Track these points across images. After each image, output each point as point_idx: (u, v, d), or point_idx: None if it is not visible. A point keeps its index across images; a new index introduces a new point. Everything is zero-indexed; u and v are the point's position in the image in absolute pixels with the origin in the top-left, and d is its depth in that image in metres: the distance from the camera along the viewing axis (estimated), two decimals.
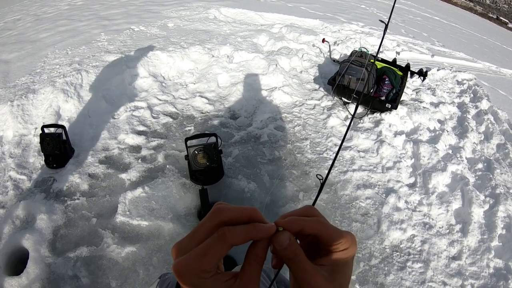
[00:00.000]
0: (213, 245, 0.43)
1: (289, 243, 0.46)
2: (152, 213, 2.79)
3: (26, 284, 2.29)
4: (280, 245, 0.46)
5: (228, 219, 0.45)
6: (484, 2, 38.64)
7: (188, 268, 0.42)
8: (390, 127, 4.15)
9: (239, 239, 0.44)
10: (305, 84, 5.10)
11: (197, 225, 0.46)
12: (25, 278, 2.31)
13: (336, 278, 0.47)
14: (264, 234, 0.46)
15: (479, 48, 11.19)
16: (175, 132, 3.88)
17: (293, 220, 0.48)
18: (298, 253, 0.46)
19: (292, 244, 0.46)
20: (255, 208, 0.48)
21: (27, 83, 4.19)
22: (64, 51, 5.17)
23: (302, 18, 7.97)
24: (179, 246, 0.45)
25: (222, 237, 0.43)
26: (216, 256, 0.43)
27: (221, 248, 0.43)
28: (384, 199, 3.24)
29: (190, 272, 0.42)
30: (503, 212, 3.16)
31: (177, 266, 0.43)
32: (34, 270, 2.36)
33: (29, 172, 3.22)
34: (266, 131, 3.98)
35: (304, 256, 0.46)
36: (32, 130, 3.62)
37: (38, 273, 2.35)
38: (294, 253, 0.46)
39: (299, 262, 0.46)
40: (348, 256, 0.49)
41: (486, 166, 3.85)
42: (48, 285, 2.32)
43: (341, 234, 0.48)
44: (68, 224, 2.75)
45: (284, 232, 0.47)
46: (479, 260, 2.81)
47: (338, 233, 0.48)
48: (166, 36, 5.89)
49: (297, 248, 0.46)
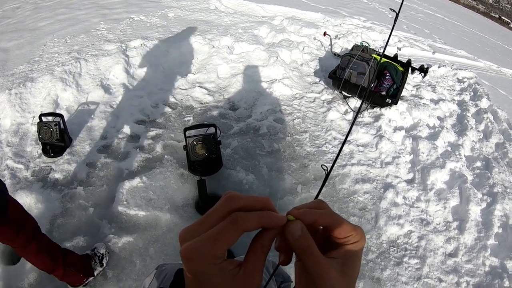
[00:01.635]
0: (226, 230, 0.41)
1: (302, 234, 0.45)
2: (150, 203, 2.78)
3: (23, 273, 2.28)
4: (292, 235, 0.45)
5: (240, 207, 0.44)
6: (487, 1, 38.53)
7: (199, 253, 0.40)
8: (390, 122, 4.14)
9: (251, 225, 0.42)
10: (305, 77, 5.07)
11: (207, 212, 0.45)
12: (21, 267, 2.31)
13: (347, 271, 0.47)
14: (276, 223, 0.45)
15: (481, 47, 11.18)
16: (174, 122, 3.86)
17: (307, 212, 0.47)
18: (311, 244, 0.45)
19: (305, 235, 0.45)
20: (268, 198, 0.47)
21: (26, 72, 4.15)
22: (63, 40, 5.12)
23: (304, 11, 7.91)
24: (188, 230, 0.43)
25: (234, 222, 0.42)
26: (228, 241, 0.41)
27: (234, 233, 0.41)
28: (382, 194, 3.24)
29: (201, 257, 0.40)
30: (500, 211, 3.18)
31: (187, 250, 0.41)
32: None
33: (26, 161, 3.20)
34: (265, 123, 3.96)
35: (316, 249, 0.46)
36: (30, 118, 3.59)
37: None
38: (307, 243, 0.45)
39: (311, 254, 0.45)
40: (359, 249, 0.49)
41: (484, 164, 3.85)
42: (44, 274, 2.30)
43: (352, 227, 0.48)
44: (65, 214, 2.73)
45: (297, 221, 0.46)
46: (475, 258, 2.82)
47: (349, 226, 0.48)
48: (166, 26, 5.84)
49: (310, 239, 0.45)
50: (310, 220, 0.47)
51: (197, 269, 0.41)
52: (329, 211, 0.49)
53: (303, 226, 0.46)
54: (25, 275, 2.28)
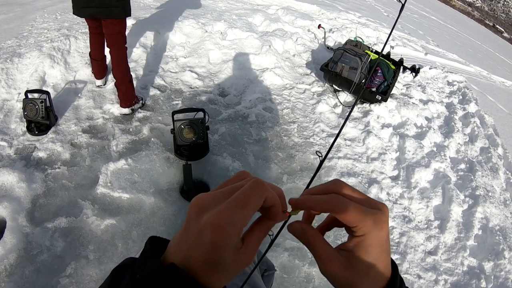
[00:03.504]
0: (251, 192, 0.38)
1: (303, 232, 0.48)
2: (134, 186, 2.75)
3: (2, 253, 2.23)
4: (294, 234, 0.48)
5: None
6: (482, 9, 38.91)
7: (231, 221, 0.36)
8: (378, 119, 4.17)
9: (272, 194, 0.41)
10: (297, 68, 5.06)
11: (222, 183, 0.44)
12: (1, 247, 2.25)
13: (354, 265, 0.45)
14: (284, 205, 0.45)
15: (473, 53, 11.31)
16: (162, 105, 3.81)
17: (305, 200, 0.47)
18: (312, 241, 0.47)
19: (305, 233, 0.48)
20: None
21: (13, 47, 4.04)
22: (54, 16, 5.00)
23: (300, 2, 7.88)
24: (207, 198, 0.40)
25: (260, 184, 0.39)
26: (255, 206, 0.39)
27: (259, 196, 0.39)
28: (366, 189, 3.26)
29: (233, 226, 0.37)
30: (481, 213, 3.24)
31: (217, 217, 0.36)
32: (11, 240, 2.30)
33: (9, 139, 3.12)
34: (254, 111, 3.95)
35: (319, 242, 0.47)
36: (15, 95, 3.50)
37: (15, 243, 2.29)
38: (307, 241, 0.47)
39: (313, 249, 0.47)
40: (370, 243, 0.45)
41: (468, 167, 3.92)
42: (24, 254, 2.27)
43: (360, 215, 0.44)
44: (48, 194, 2.68)
45: (296, 222, 0.49)
46: (454, 257, 2.88)
47: (355, 214, 0.44)
48: (159, 7, 5.76)
49: (312, 236, 0.47)
50: (308, 209, 0.48)
51: (223, 240, 0.36)
52: (334, 196, 0.46)
53: (303, 224, 0.49)
54: (5, 256, 2.23)
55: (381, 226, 0.44)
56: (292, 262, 2.53)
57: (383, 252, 0.46)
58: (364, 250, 0.45)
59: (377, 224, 0.44)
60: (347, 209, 0.44)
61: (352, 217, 0.44)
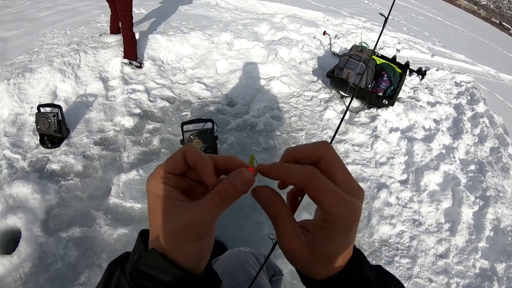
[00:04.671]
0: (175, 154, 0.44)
1: (268, 202, 0.43)
2: (145, 196, 2.76)
3: (18, 262, 2.29)
4: (259, 201, 0.43)
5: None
6: (488, 7, 38.64)
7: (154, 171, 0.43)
8: (386, 123, 4.17)
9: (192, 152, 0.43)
10: (303, 75, 5.10)
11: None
12: (16, 257, 2.31)
13: (316, 251, 0.42)
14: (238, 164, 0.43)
15: (480, 52, 11.23)
16: (171, 116, 3.87)
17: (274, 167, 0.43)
18: (277, 213, 0.43)
19: (271, 204, 0.43)
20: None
21: (25, 62, 4.14)
22: (63, 31, 5.11)
23: (304, 9, 7.93)
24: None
25: (179, 149, 0.44)
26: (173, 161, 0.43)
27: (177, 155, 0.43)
28: (375, 194, 3.27)
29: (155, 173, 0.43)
30: (492, 214, 3.21)
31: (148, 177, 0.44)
32: (26, 249, 2.36)
33: (23, 151, 3.20)
34: (262, 119, 3.99)
35: (285, 217, 0.43)
36: (28, 109, 3.59)
37: (29, 252, 2.35)
38: (272, 213, 0.43)
39: (277, 224, 0.43)
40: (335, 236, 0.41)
41: (478, 168, 3.89)
42: (39, 263, 2.32)
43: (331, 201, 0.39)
44: (61, 204, 2.75)
45: (262, 188, 0.43)
46: (466, 259, 2.86)
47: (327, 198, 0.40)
48: (166, 19, 5.84)
49: (277, 209, 0.43)
50: (277, 179, 0.44)
51: (150, 185, 0.43)
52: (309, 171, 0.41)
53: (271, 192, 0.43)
54: (20, 265, 2.29)
55: (352, 217, 0.40)
56: None
57: (347, 245, 0.43)
58: (329, 239, 0.41)
59: (348, 216, 0.40)
60: (321, 190, 0.40)
61: (324, 200, 0.39)
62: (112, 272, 0.45)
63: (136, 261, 0.42)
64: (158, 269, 0.40)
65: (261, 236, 2.72)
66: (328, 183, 0.40)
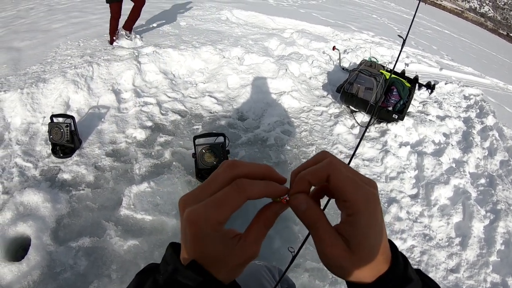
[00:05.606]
0: (231, 195, 0.40)
1: (307, 208, 0.43)
2: (156, 208, 2.81)
3: (26, 270, 2.31)
4: (297, 210, 0.44)
5: (244, 174, 0.43)
6: (495, 18, 38.63)
7: (204, 216, 0.40)
8: (396, 138, 4.17)
9: (255, 193, 0.41)
10: (313, 90, 5.12)
11: (209, 178, 0.44)
12: (25, 264, 2.33)
13: (355, 250, 0.42)
14: (280, 193, 0.44)
15: (488, 64, 11.20)
16: (183, 130, 3.91)
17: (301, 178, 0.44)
18: (316, 220, 0.43)
19: (309, 209, 0.43)
20: (269, 166, 0.46)
21: (38, 72, 4.22)
22: (76, 43, 5.20)
23: (314, 24, 7.99)
24: (190, 196, 0.43)
25: (240, 188, 0.41)
26: (233, 207, 0.40)
27: (238, 199, 0.40)
28: (386, 209, 3.25)
29: (206, 221, 0.40)
30: (503, 228, 3.18)
31: (192, 213, 0.40)
32: (35, 257, 2.38)
33: (35, 160, 3.25)
34: (273, 134, 4.01)
35: (324, 223, 0.43)
36: (40, 118, 3.65)
37: (39, 260, 2.37)
38: (312, 220, 0.43)
39: (316, 230, 0.43)
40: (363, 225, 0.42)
41: (488, 181, 3.86)
42: (48, 272, 2.33)
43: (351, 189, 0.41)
44: (72, 214, 2.77)
45: (300, 196, 0.44)
46: (477, 274, 2.83)
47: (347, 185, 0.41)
48: (178, 34, 5.93)
49: (316, 214, 0.43)
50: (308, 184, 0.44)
51: (201, 233, 0.40)
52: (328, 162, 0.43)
53: (308, 199, 0.44)
54: (29, 272, 2.31)
55: (373, 203, 0.42)
56: (313, 283, 2.53)
57: (380, 234, 0.43)
58: (359, 233, 0.42)
59: (369, 202, 0.41)
60: (341, 176, 0.41)
61: (345, 188, 0.41)
62: (141, 282, 0.45)
63: (171, 272, 0.42)
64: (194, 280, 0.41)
65: (272, 250, 2.72)
66: (346, 173, 0.42)
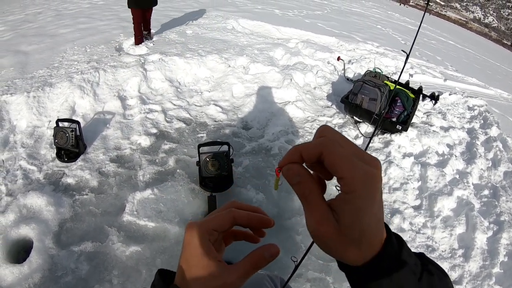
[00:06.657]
0: (222, 213, 0.51)
1: (299, 181, 0.42)
2: (159, 215, 2.82)
3: (28, 273, 2.31)
4: (289, 180, 0.43)
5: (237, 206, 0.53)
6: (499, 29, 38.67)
7: (198, 224, 0.50)
8: (399, 149, 4.16)
9: (241, 215, 0.51)
10: (318, 100, 5.14)
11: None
12: (27, 267, 2.34)
13: (345, 231, 0.40)
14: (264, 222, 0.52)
15: (492, 75, 11.18)
16: (187, 137, 3.92)
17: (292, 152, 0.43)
18: (308, 193, 0.42)
19: (302, 183, 0.42)
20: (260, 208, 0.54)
21: (45, 76, 4.26)
22: (83, 48, 5.26)
23: (319, 34, 8.05)
24: (194, 221, 0.51)
25: (230, 210, 0.51)
26: (222, 221, 0.50)
27: (227, 217, 0.50)
28: (389, 220, 3.24)
29: (199, 226, 0.49)
30: (507, 239, 3.16)
31: (191, 222, 0.50)
32: (37, 260, 2.39)
33: (39, 164, 3.27)
34: (277, 143, 4.00)
35: (315, 196, 0.42)
36: (46, 122, 3.68)
37: (40, 263, 2.38)
38: (303, 192, 0.42)
39: (308, 205, 0.42)
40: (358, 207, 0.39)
41: (492, 193, 3.85)
42: (49, 275, 2.34)
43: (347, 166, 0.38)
44: (75, 218, 2.78)
45: (293, 166, 0.42)
46: (480, 286, 2.80)
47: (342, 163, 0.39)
48: (184, 42, 5.98)
49: (308, 188, 0.42)
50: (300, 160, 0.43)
51: (193, 235, 0.48)
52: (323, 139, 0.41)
53: (302, 170, 0.42)
54: (30, 275, 2.31)
55: (371, 183, 0.39)
56: None
57: (376, 218, 0.41)
58: (353, 212, 0.39)
59: (367, 181, 0.39)
60: (335, 156, 0.39)
61: (340, 166, 0.39)
62: None
63: None
64: None
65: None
66: (341, 150, 0.39)
